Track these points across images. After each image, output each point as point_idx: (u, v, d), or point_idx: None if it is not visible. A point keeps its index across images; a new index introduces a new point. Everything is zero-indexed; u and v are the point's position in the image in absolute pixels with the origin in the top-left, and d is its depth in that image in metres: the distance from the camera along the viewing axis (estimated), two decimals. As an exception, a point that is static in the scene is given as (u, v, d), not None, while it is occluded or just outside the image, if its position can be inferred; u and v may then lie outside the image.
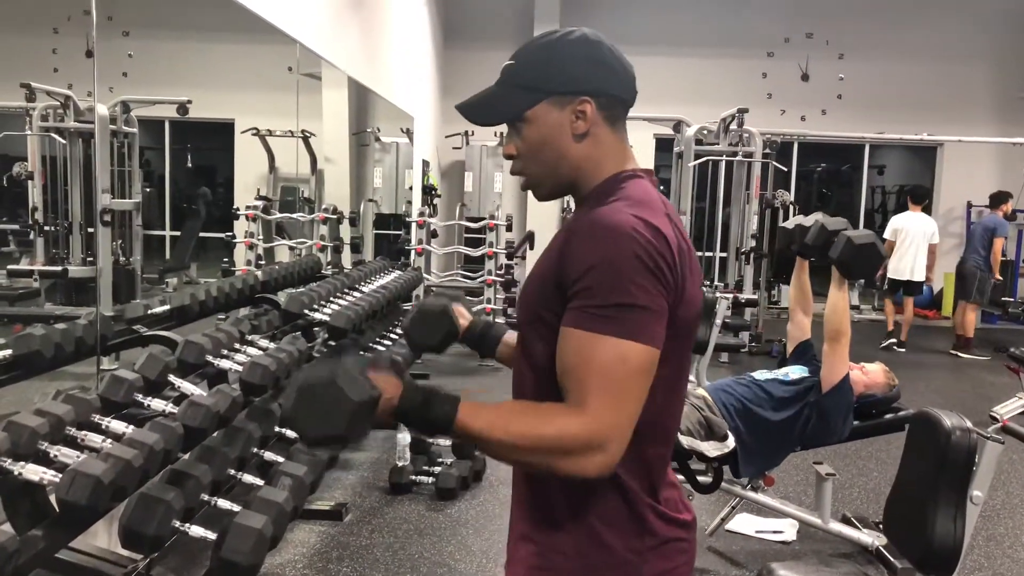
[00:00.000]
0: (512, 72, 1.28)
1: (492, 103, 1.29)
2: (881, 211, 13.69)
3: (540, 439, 1.13)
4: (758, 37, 10.77)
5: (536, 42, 1.29)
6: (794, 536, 3.73)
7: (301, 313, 3.67)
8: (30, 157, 4.37)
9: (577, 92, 1.24)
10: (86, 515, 1.74)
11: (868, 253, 3.25)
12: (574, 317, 1.15)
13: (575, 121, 1.25)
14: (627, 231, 1.14)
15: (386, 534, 3.60)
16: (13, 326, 3.92)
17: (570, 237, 1.19)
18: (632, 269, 1.13)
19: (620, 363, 1.12)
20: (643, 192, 1.24)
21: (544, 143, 1.26)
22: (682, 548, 1.28)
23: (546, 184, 1.31)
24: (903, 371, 6.75)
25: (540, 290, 1.23)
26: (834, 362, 3.26)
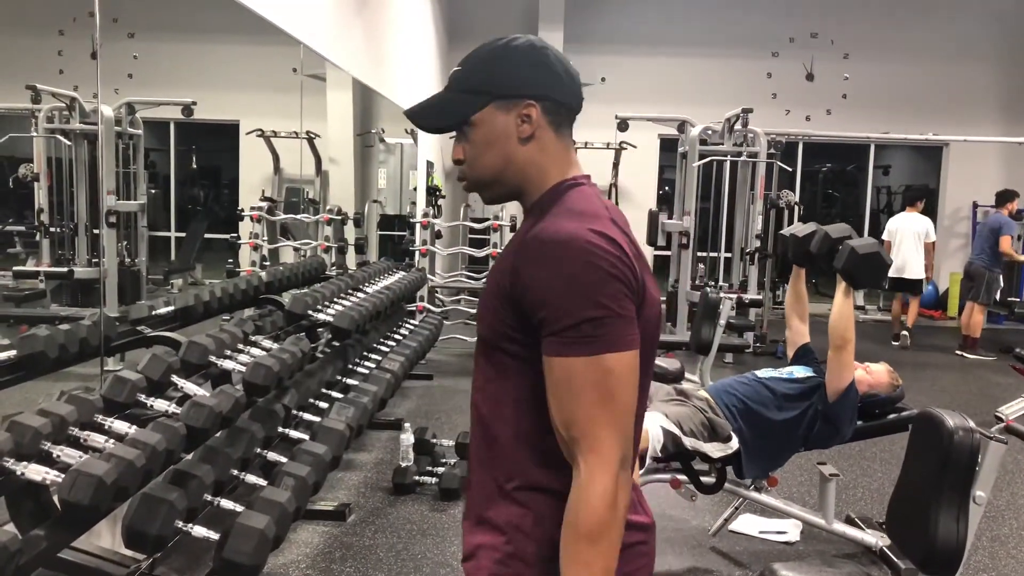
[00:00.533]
0: (459, 77, 1.29)
1: (440, 108, 1.31)
2: (886, 211, 13.65)
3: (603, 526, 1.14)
4: (763, 37, 10.75)
5: (483, 48, 1.30)
6: (798, 537, 3.72)
7: (305, 314, 3.68)
8: (36, 159, 4.39)
9: (522, 96, 1.26)
10: (88, 515, 1.75)
11: (873, 262, 3.22)
12: (551, 346, 1.16)
13: (520, 124, 1.26)
14: (580, 244, 1.15)
15: (389, 534, 3.60)
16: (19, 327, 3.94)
17: (519, 257, 1.20)
18: (594, 281, 1.14)
19: (607, 378, 1.14)
20: (585, 201, 1.24)
21: (490, 145, 1.27)
22: (642, 551, 1.29)
23: (493, 188, 1.32)
24: (908, 371, 6.75)
25: (495, 308, 1.24)
26: (839, 370, 3.24)
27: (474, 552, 1.30)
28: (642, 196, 10.69)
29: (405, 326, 5.44)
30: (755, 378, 3.42)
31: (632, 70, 10.42)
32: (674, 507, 3.91)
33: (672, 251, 8.20)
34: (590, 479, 1.14)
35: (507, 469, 1.26)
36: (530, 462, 1.25)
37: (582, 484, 1.15)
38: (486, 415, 1.30)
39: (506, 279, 1.21)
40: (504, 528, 1.26)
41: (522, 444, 1.25)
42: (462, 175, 1.33)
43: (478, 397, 1.32)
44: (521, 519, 1.24)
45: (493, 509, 1.28)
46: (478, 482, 1.32)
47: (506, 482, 1.26)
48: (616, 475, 1.15)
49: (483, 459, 1.30)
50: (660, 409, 3.21)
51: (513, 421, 1.25)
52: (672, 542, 3.64)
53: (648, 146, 10.51)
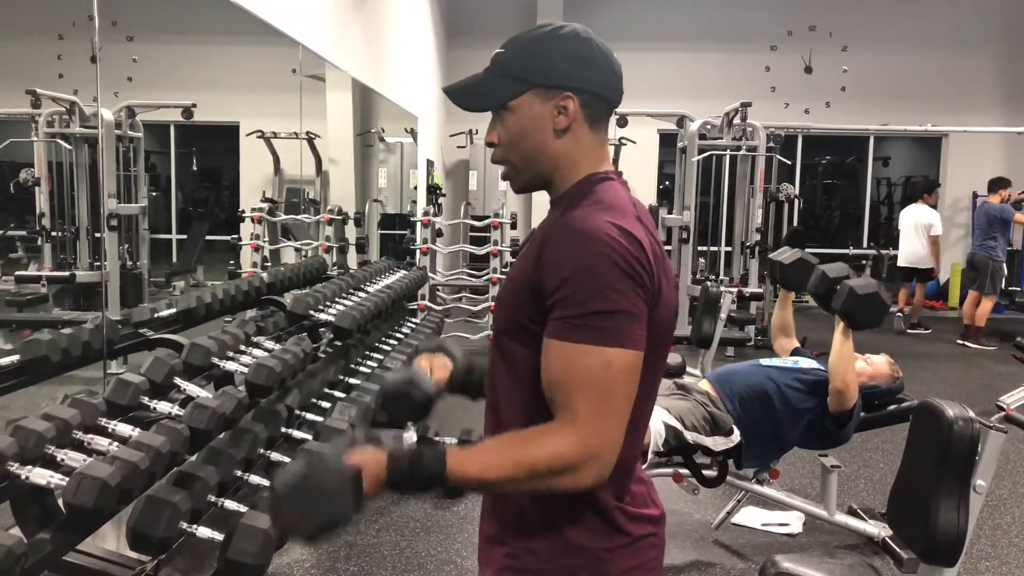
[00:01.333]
0: (501, 61, 1.29)
1: (478, 89, 1.31)
2: (887, 203, 13.64)
3: (535, 466, 1.13)
4: (761, 30, 10.74)
5: (528, 34, 1.30)
6: (800, 529, 3.73)
7: (306, 314, 3.69)
8: (36, 163, 4.40)
9: (561, 87, 1.26)
10: (93, 518, 1.76)
11: (872, 303, 3.14)
12: (556, 328, 1.16)
13: (557, 115, 1.26)
14: (602, 237, 1.15)
15: (393, 532, 3.62)
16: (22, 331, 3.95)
17: (544, 243, 1.20)
18: (609, 275, 1.13)
19: (605, 370, 1.13)
20: (615, 196, 1.25)
21: (525, 134, 1.28)
22: (652, 543, 1.29)
23: (523, 175, 1.32)
24: (910, 361, 6.76)
25: (516, 295, 1.24)
26: (840, 404, 3.19)
27: (486, 543, 1.33)
28: (642, 191, 10.69)
29: (407, 325, 5.45)
30: (758, 365, 3.41)
31: (630, 66, 10.24)
32: (676, 501, 3.92)
33: (672, 246, 8.21)
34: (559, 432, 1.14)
35: None
36: None
37: (549, 429, 1.15)
38: (498, 405, 1.31)
39: (530, 265, 1.21)
40: (514, 520, 1.28)
41: None
42: (495, 158, 1.33)
43: (493, 389, 1.33)
44: (531, 511, 1.26)
45: (503, 499, 1.30)
46: None
47: None
48: (582, 455, 1.13)
49: None
50: (662, 404, 3.22)
51: (525, 411, 1.25)
52: (675, 536, 3.65)
53: (647, 141, 10.51)
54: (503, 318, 1.28)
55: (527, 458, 1.14)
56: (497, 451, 1.17)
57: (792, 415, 3.26)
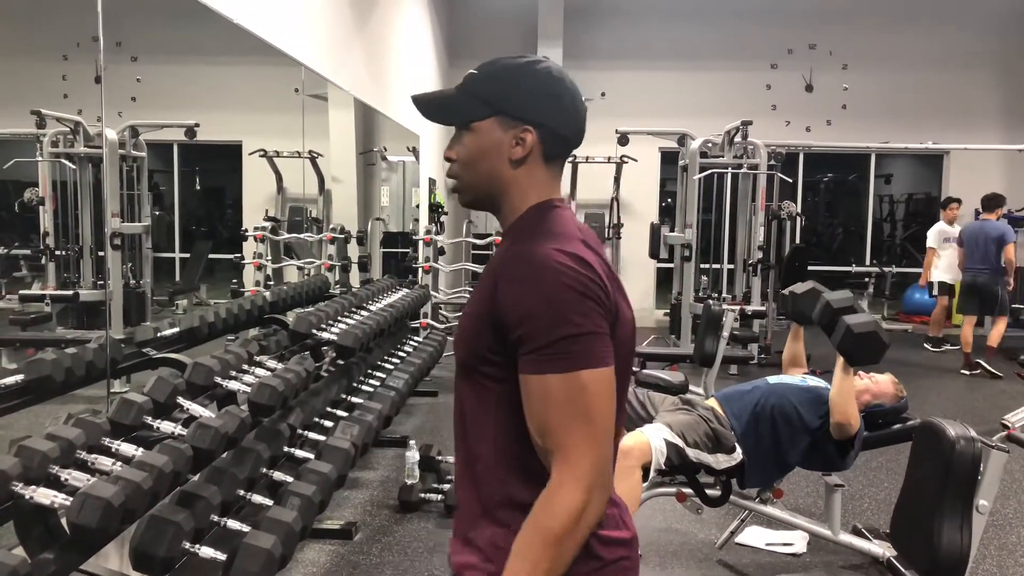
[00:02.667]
0: (473, 81, 1.33)
1: (446, 104, 1.36)
2: (889, 220, 13.67)
3: (560, 535, 1.16)
4: (761, 49, 10.80)
5: (503, 61, 1.34)
6: (804, 548, 3.72)
7: (309, 333, 3.70)
8: (41, 183, 4.41)
9: (524, 119, 1.29)
10: (97, 538, 1.77)
11: (868, 342, 3.09)
12: (527, 364, 1.19)
13: (514, 146, 1.30)
14: (553, 266, 1.18)
15: (396, 552, 3.61)
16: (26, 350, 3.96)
17: (498, 277, 1.23)
18: (568, 300, 1.17)
19: (582, 393, 1.17)
20: (560, 223, 1.28)
21: (481, 156, 1.31)
22: (624, 567, 1.30)
23: (471, 194, 1.36)
24: (913, 380, 6.74)
25: (475, 328, 1.27)
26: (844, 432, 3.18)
27: (460, 572, 1.33)
28: (644, 209, 10.72)
29: (409, 343, 5.46)
30: (765, 384, 3.41)
31: (632, 84, 10.46)
32: (680, 520, 3.91)
33: (675, 263, 8.22)
34: (559, 487, 1.17)
35: (489, 488, 1.29)
36: (511, 481, 1.27)
37: (551, 489, 1.18)
38: (468, 436, 1.32)
39: (486, 301, 1.24)
40: (486, 548, 1.28)
41: (502, 463, 1.28)
42: (450, 173, 1.37)
43: (459, 419, 1.34)
44: (503, 539, 1.26)
45: (476, 529, 1.31)
46: (462, 501, 1.36)
47: (488, 501, 1.29)
48: (587, 490, 1.17)
49: (466, 478, 1.33)
50: (664, 420, 3.22)
51: (493, 441, 1.28)
52: (678, 556, 3.64)
53: (649, 159, 10.54)
54: (464, 350, 1.31)
55: (550, 533, 1.17)
56: (525, 546, 1.19)
57: (796, 434, 3.25)
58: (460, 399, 1.34)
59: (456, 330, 1.38)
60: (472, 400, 1.31)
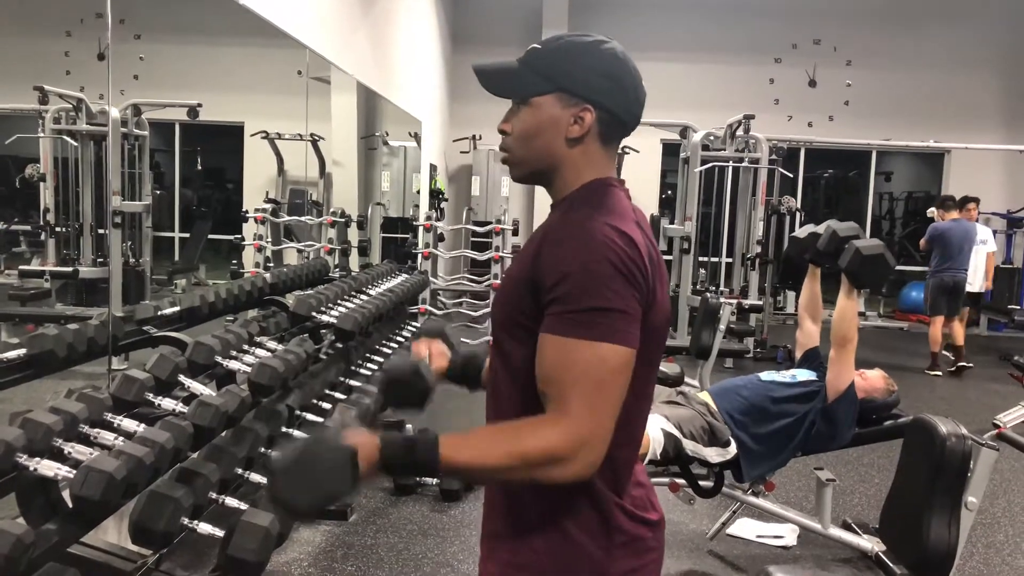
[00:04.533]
0: (536, 56, 1.32)
1: (506, 77, 1.33)
2: (888, 218, 13.68)
3: (526, 455, 1.16)
4: (766, 43, 10.79)
5: (568, 38, 1.33)
6: (795, 541, 3.75)
7: (309, 315, 3.72)
8: (42, 159, 4.41)
9: (584, 97, 1.29)
10: (99, 510, 1.79)
11: (876, 263, 3.25)
12: (551, 323, 1.18)
13: (572, 124, 1.29)
14: (600, 238, 1.18)
15: (390, 534, 3.64)
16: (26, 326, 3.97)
17: (544, 242, 1.23)
18: (606, 274, 1.16)
19: (598, 365, 1.16)
20: (615, 201, 1.28)
21: (538, 132, 1.30)
22: (649, 546, 1.31)
23: (524, 169, 1.35)
24: (906, 377, 6.78)
25: (514, 293, 1.27)
26: (840, 369, 3.28)
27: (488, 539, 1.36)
28: (644, 201, 10.73)
29: (408, 328, 5.47)
30: (758, 382, 3.45)
31: None
32: (672, 510, 3.94)
33: (673, 256, 8.24)
34: (552, 423, 1.16)
35: None
36: None
37: (544, 420, 1.18)
38: (501, 402, 1.33)
39: (528, 263, 1.24)
40: (514, 516, 1.30)
41: None
42: (503, 146, 1.36)
43: (494, 385, 1.35)
44: (530, 506, 1.28)
45: (504, 494, 1.33)
46: None
47: None
48: (573, 445, 1.15)
49: None
50: (661, 412, 3.25)
51: (523, 408, 1.27)
52: (670, 545, 3.65)
53: (650, 151, 10.56)
54: (501, 315, 1.31)
55: (519, 447, 1.16)
56: (490, 440, 1.20)
57: (788, 429, 3.29)
58: (494, 366, 1.34)
59: (495, 296, 1.38)
60: (502, 368, 1.31)
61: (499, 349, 1.32)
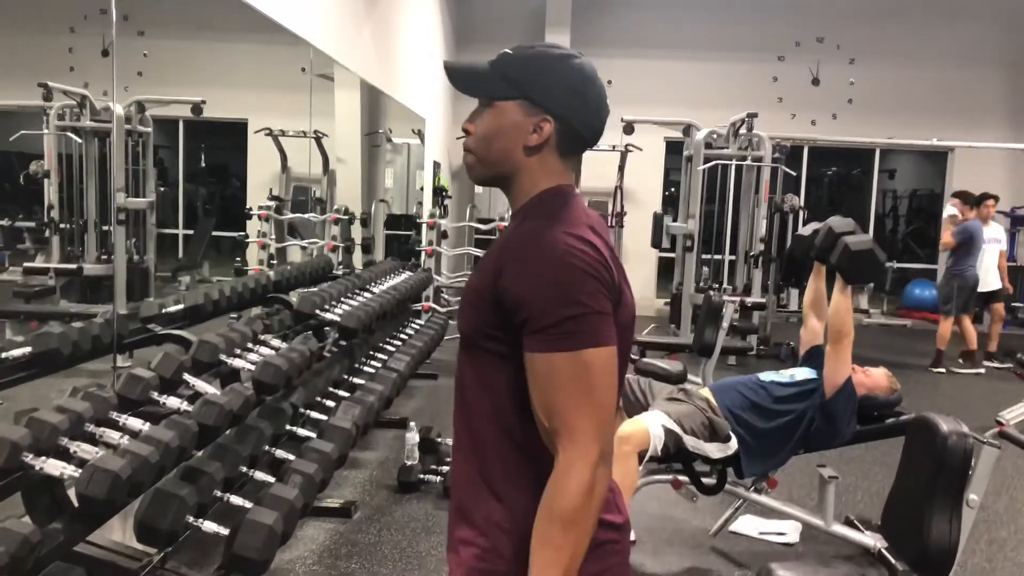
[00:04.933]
0: (506, 61, 1.34)
1: (475, 77, 1.36)
2: (892, 216, 13.66)
3: (575, 512, 1.18)
4: (769, 41, 10.77)
5: (540, 48, 1.35)
6: (797, 538, 3.76)
7: (312, 313, 3.73)
8: (46, 155, 4.42)
9: (546, 108, 1.31)
10: (104, 509, 1.80)
11: (865, 260, 3.28)
12: (533, 343, 1.21)
13: (531, 132, 1.31)
14: (560, 247, 1.21)
15: (394, 532, 3.65)
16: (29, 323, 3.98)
17: (504, 256, 1.25)
18: (574, 281, 1.19)
19: (586, 371, 1.19)
20: (569, 209, 1.30)
21: (498, 135, 1.33)
22: (614, 550, 1.32)
23: (482, 171, 1.37)
24: (910, 374, 6.78)
25: (479, 306, 1.29)
26: (836, 364, 3.29)
27: (456, 547, 1.36)
28: (647, 198, 10.73)
29: (411, 326, 5.49)
30: (756, 380, 3.46)
31: (638, 73, 10.42)
32: (675, 507, 3.95)
33: (676, 254, 8.24)
34: (568, 467, 1.19)
35: (488, 462, 1.31)
36: (510, 456, 1.30)
37: (560, 471, 1.20)
38: (468, 410, 1.35)
39: (488, 279, 1.26)
40: (481, 524, 1.31)
41: (503, 438, 1.30)
42: (466, 145, 1.38)
43: (460, 392, 1.37)
44: (500, 514, 1.29)
45: (474, 502, 1.33)
46: (461, 474, 1.37)
47: (486, 475, 1.32)
48: (594, 465, 1.19)
49: (465, 451, 1.35)
50: (662, 408, 3.26)
51: (494, 416, 1.30)
52: (672, 542, 3.68)
53: (654, 149, 10.54)
54: (467, 325, 1.33)
55: (569, 517, 1.18)
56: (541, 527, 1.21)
57: (788, 427, 3.30)
58: (462, 373, 1.36)
59: (460, 301, 1.40)
60: (473, 374, 1.33)
61: (470, 358, 1.34)
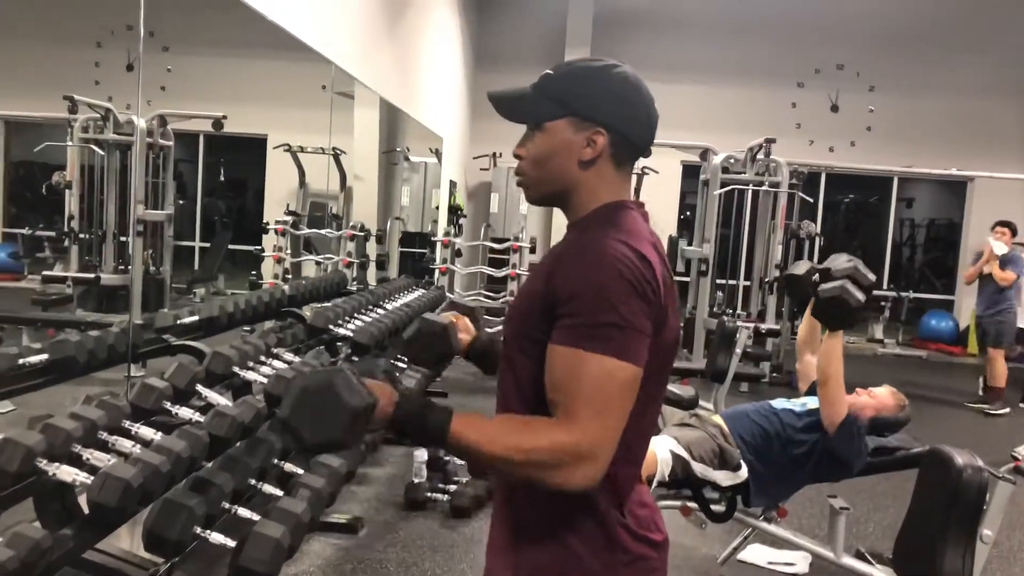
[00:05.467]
0: (548, 81, 1.34)
1: (520, 102, 1.36)
2: (909, 244, 13.59)
3: (532, 451, 1.18)
4: (788, 67, 10.79)
5: (581, 63, 1.36)
6: (806, 569, 3.72)
7: (326, 328, 3.74)
8: (69, 167, 4.47)
9: (596, 120, 1.31)
10: (115, 517, 1.80)
11: (833, 306, 3.20)
12: (563, 334, 1.20)
13: (584, 147, 1.31)
14: (615, 256, 1.21)
15: (400, 549, 3.64)
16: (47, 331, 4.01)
17: (559, 260, 1.26)
18: (620, 291, 1.19)
19: (607, 379, 1.18)
20: (631, 222, 1.30)
21: (552, 155, 1.33)
22: (652, 566, 1.32)
23: (538, 191, 1.38)
24: (926, 408, 6.71)
25: (527, 309, 1.29)
26: (828, 408, 3.18)
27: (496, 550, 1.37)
28: (663, 222, 10.71)
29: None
30: (769, 408, 3.43)
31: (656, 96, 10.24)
32: (684, 534, 3.92)
33: (691, 278, 8.22)
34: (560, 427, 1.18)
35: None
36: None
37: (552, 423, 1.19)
38: (509, 411, 1.34)
39: (542, 280, 1.27)
40: (521, 529, 1.32)
41: None
42: (518, 170, 1.38)
43: (503, 398, 1.36)
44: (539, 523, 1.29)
45: (514, 511, 1.34)
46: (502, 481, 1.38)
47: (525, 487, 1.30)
48: (578, 453, 1.17)
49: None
50: (672, 433, 3.24)
51: None
52: (681, 570, 3.65)
53: (670, 172, 10.56)
54: (513, 330, 1.33)
55: (527, 442, 1.18)
56: (500, 428, 1.22)
57: (798, 458, 3.26)
58: (503, 383, 1.36)
59: (507, 313, 1.39)
60: (513, 385, 1.33)
61: (509, 363, 1.34)
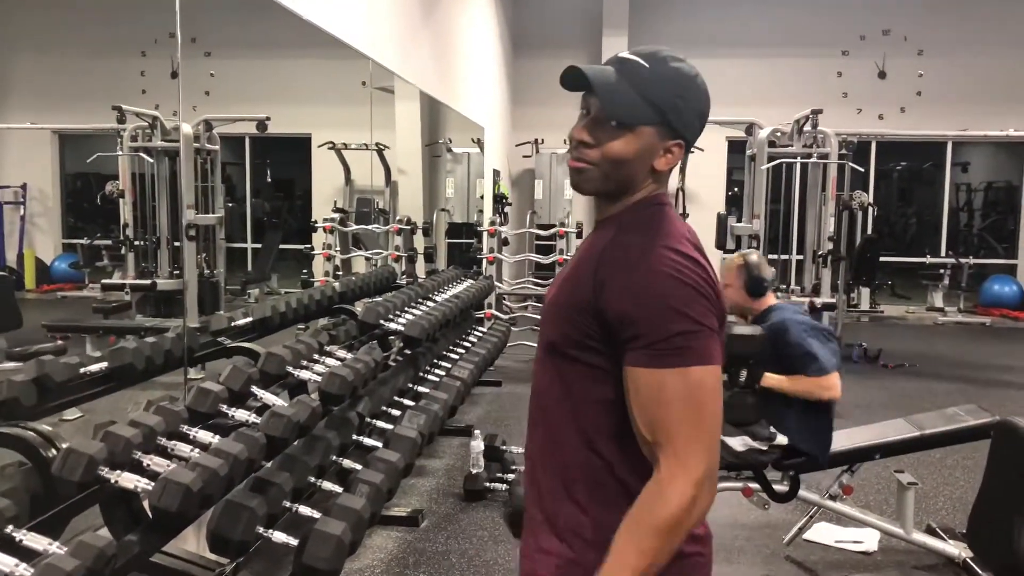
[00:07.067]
0: (643, 79, 1.26)
1: (616, 96, 1.25)
2: (967, 209, 13.22)
3: (669, 525, 1.17)
4: (832, 35, 10.53)
5: (674, 65, 1.28)
6: (876, 547, 3.64)
7: (377, 323, 3.76)
8: (121, 176, 4.57)
9: (681, 135, 1.29)
10: (177, 521, 1.83)
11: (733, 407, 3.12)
12: (639, 357, 1.19)
13: (662, 156, 1.29)
14: (669, 263, 1.20)
15: (461, 540, 3.65)
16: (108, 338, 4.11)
17: (605, 269, 1.23)
18: (684, 297, 1.18)
19: (695, 390, 1.18)
20: (670, 223, 1.28)
21: (635, 159, 1.27)
22: (698, 562, 1.30)
23: (603, 185, 1.30)
24: (993, 376, 6.52)
25: (571, 314, 1.26)
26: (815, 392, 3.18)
27: (532, 555, 1.34)
28: (710, 199, 10.58)
29: (474, 333, 5.50)
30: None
31: None
32: (747, 515, 3.87)
33: (742, 255, 8.09)
34: (671, 479, 1.17)
35: (570, 473, 1.30)
36: (597, 467, 1.28)
37: (662, 481, 1.18)
38: (550, 419, 1.33)
39: (588, 290, 1.24)
40: (565, 534, 1.30)
41: (588, 450, 1.28)
42: (583, 156, 1.28)
43: (540, 399, 1.35)
44: (582, 525, 1.28)
45: (556, 513, 1.31)
46: (543, 485, 1.35)
47: (569, 486, 1.30)
48: (698, 483, 1.17)
49: (548, 463, 1.33)
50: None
51: (583, 427, 1.28)
52: (745, 551, 3.60)
53: (716, 149, 10.39)
54: (555, 333, 1.30)
55: (662, 525, 1.17)
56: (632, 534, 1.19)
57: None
58: (541, 381, 1.34)
59: (545, 308, 1.37)
60: (557, 385, 1.31)
61: (554, 366, 1.31)
